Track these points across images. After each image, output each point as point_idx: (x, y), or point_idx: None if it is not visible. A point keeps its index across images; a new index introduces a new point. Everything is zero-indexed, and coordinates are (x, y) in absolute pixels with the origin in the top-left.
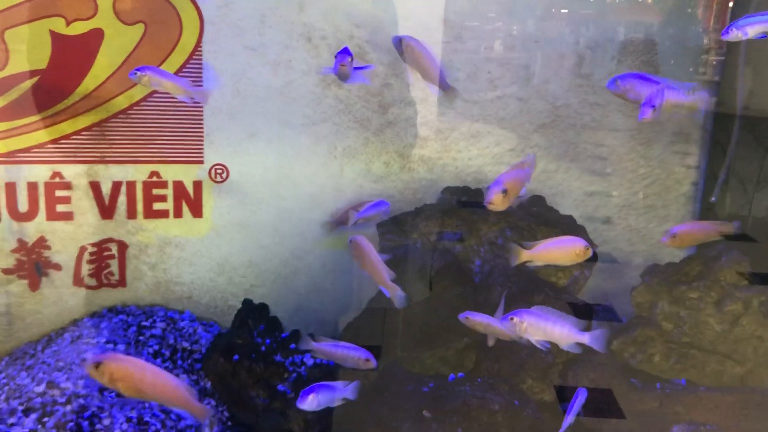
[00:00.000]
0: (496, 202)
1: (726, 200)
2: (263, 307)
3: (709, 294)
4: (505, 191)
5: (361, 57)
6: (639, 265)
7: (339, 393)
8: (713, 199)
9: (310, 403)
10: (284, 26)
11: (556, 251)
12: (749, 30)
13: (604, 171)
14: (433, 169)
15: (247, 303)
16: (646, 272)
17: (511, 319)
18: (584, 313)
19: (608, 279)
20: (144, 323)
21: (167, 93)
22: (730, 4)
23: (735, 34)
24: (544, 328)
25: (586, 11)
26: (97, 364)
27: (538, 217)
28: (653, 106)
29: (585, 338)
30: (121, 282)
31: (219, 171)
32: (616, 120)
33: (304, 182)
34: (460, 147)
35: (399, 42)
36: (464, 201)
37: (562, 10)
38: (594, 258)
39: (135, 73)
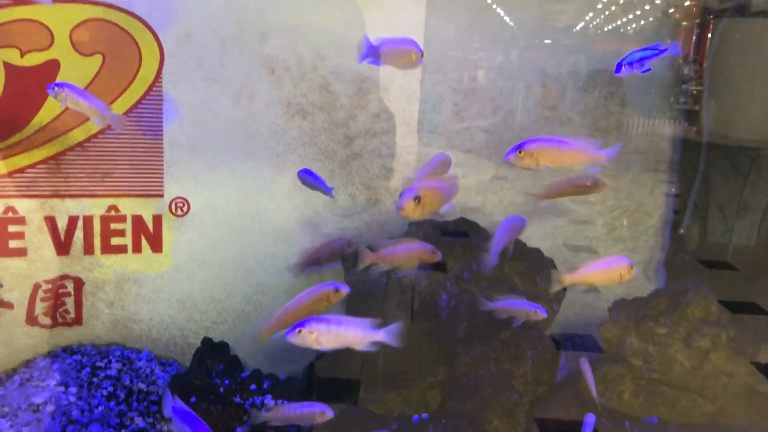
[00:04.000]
0: (407, 209)
1: (705, 229)
2: (223, 346)
3: (677, 330)
4: (417, 198)
5: (326, 88)
6: (609, 299)
7: None
8: (681, 231)
9: None
10: (246, 57)
11: (599, 273)
12: (635, 66)
13: (572, 202)
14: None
15: (206, 341)
16: (613, 307)
17: (299, 331)
18: (562, 345)
19: (579, 312)
20: (99, 363)
21: (125, 126)
22: (709, 35)
23: (625, 70)
24: (336, 334)
25: (552, 41)
26: None
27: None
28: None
29: (380, 335)
30: (77, 320)
31: (180, 204)
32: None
33: (267, 216)
34: None
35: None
36: (429, 233)
37: (531, 40)
38: (563, 291)
39: (53, 88)
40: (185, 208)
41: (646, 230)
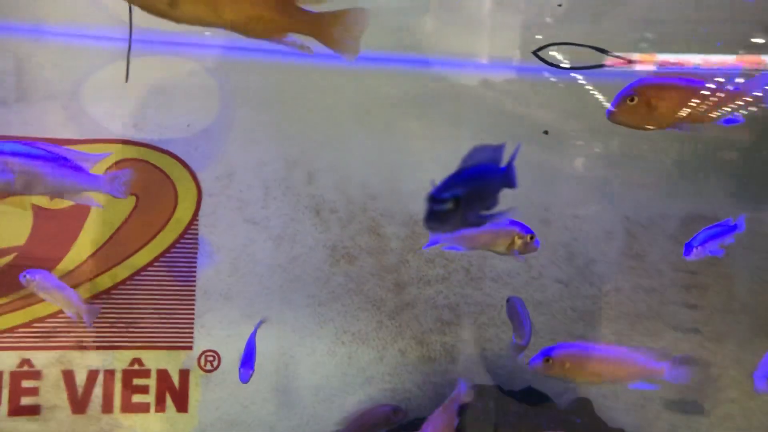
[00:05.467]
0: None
1: None
2: None
3: None
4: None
5: (375, 231)
6: None
7: None
8: None
9: None
10: (291, 198)
11: None
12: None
13: None
14: (457, 361)
15: None
16: None
17: None
18: None
19: None
20: None
21: (155, 272)
22: None
23: (696, 252)
24: None
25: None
26: None
27: (579, 428)
28: None
29: None
30: None
31: (210, 358)
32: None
33: (306, 373)
34: (490, 335)
35: None
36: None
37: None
38: None
39: (24, 276)
40: (215, 363)
41: None
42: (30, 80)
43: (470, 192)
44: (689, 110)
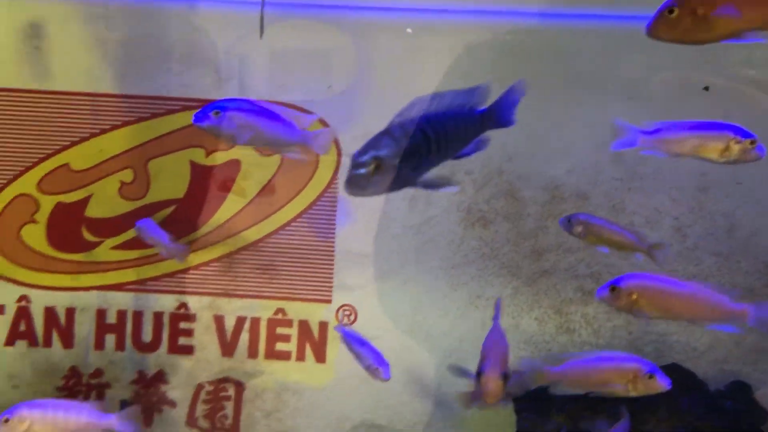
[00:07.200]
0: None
1: None
2: None
3: None
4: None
5: (512, 194)
6: None
7: None
8: None
9: None
10: None
11: None
12: None
13: None
14: (599, 333)
15: None
16: None
17: (5, 420)
18: None
19: None
20: None
21: (298, 228)
22: None
23: None
24: (54, 420)
25: None
26: None
27: (729, 414)
28: None
29: (111, 420)
30: (234, 428)
31: (347, 313)
32: None
33: (439, 334)
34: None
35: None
36: None
37: None
38: None
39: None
40: (352, 317)
41: None
42: (185, 45)
43: (409, 148)
44: (755, 12)
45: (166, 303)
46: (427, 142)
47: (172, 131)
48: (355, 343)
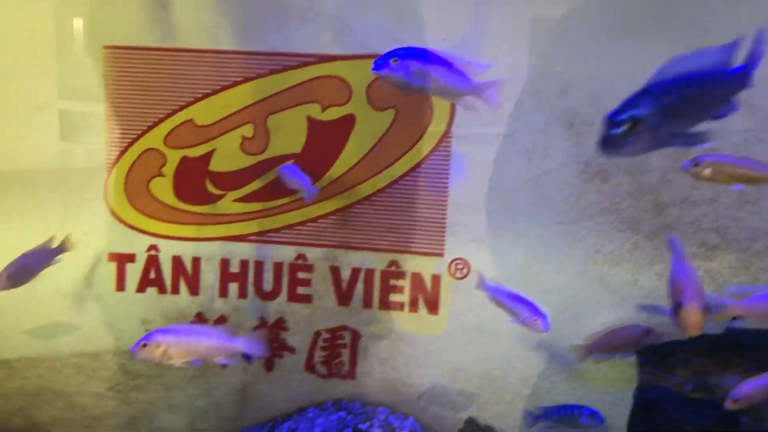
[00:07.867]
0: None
1: None
2: (488, 430)
3: None
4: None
5: None
6: None
7: None
8: None
9: None
10: (542, 110)
11: None
12: None
13: None
14: (723, 288)
15: (470, 422)
16: None
17: (143, 345)
18: None
19: None
20: (361, 426)
21: (411, 182)
22: None
23: None
24: (188, 345)
25: None
26: None
27: None
28: None
29: (239, 345)
30: (351, 374)
31: (459, 266)
32: None
33: (554, 289)
34: (766, 263)
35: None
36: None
37: None
38: None
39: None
40: (465, 271)
41: None
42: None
43: (666, 107)
44: None
45: (286, 254)
46: (685, 102)
47: (290, 87)
48: (506, 298)
